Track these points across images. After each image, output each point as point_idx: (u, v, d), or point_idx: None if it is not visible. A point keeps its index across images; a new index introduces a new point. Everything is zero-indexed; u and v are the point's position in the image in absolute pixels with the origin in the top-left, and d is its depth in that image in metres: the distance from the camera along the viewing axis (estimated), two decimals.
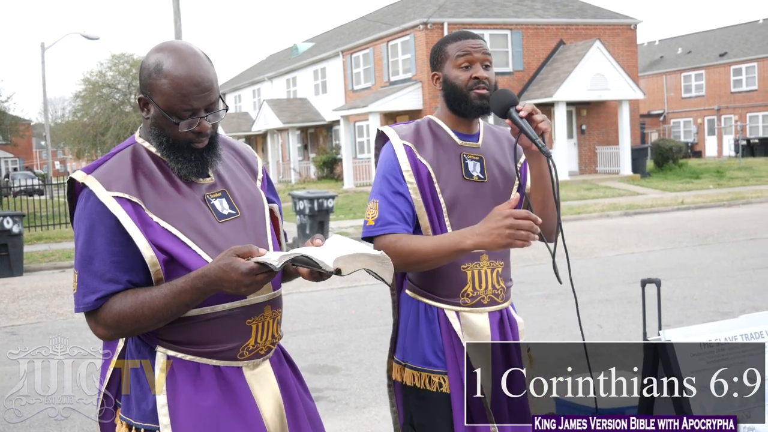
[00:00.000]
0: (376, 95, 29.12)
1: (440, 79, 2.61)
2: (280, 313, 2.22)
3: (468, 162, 2.58)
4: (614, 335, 7.07)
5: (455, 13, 28.26)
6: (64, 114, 61.60)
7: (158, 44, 2.06)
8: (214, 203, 2.09)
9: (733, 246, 12.46)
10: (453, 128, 2.63)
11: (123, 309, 1.95)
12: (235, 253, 1.87)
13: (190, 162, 2.05)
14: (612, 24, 30.13)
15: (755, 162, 33.50)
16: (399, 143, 2.57)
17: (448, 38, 2.61)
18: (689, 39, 52.89)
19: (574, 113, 29.36)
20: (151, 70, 2.00)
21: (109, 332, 1.99)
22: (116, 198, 1.96)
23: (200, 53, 2.04)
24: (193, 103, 1.98)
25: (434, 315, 2.57)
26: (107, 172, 2.01)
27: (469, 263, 2.54)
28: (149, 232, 1.96)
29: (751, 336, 2.37)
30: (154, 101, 2.01)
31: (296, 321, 8.47)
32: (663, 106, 50.17)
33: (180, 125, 1.99)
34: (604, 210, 18.82)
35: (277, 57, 47.19)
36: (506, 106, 2.42)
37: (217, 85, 2.04)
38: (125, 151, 2.08)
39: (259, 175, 2.28)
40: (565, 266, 2.38)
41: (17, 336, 8.36)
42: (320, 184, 32.33)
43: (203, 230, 2.03)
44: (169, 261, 1.98)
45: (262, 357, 2.15)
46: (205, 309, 2.02)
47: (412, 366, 2.60)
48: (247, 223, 2.13)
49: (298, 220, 15.19)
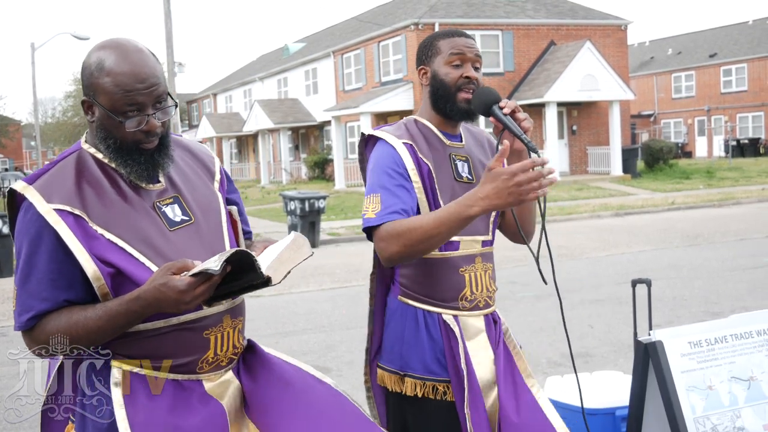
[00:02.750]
0: (368, 96, 29.11)
1: (428, 74, 2.54)
2: (241, 322, 2.11)
3: (457, 163, 2.54)
4: (605, 335, 7.08)
5: (446, 14, 28.28)
6: (54, 114, 61.34)
7: (99, 42, 1.96)
8: (165, 210, 1.99)
9: (723, 246, 12.50)
10: (439, 128, 2.57)
11: (57, 329, 1.88)
12: (169, 270, 1.78)
13: (140, 165, 1.95)
14: (603, 25, 30.21)
15: (745, 162, 33.64)
16: (399, 142, 2.46)
17: (439, 34, 2.54)
18: (679, 40, 53.08)
19: (565, 114, 29.42)
20: (93, 69, 1.91)
21: (45, 352, 1.91)
22: (57, 210, 1.86)
23: (144, 49, 1.94)
24: (138, 98, 1.88)
25: (434, 321, 2.49)
26: (48, 183, 1.91)
27: (466, 266, 2.50)
28: (93, 245, 1.87)
29: (741, 336, 2.38)
30: (98, 102, 1.91)
31: (287, 322, 8.45)
32: (653, 107, 50.32)
33: (126, 124, 1.89)
34: (595, 210, 18.86)
35: (268, 57, 47.12)
36: (489, 104, 2.38)
37: (164, 81, 1.95)
38: (69, 158, 1.98)
39: (217, 176, 2.18)
40: (549, 266, 2.40)
41: (7, 337, 8.32)
42: (311, 184, 32.31)
43: (152, 240, 1.93)
44: (116, 274, 1.88)
45: (224, 368, 2.05)
46: (157, 323, 1.93)
47: (414, 375, 2.50)
48: (201, 228, 2.03)
49: (289, 221, 15.17)
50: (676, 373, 2.25)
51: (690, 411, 2.23)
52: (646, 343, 2.28)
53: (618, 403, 3.64)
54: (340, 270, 11.91)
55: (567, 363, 6.18)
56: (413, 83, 27.99)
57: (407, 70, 28.59)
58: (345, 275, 11.40)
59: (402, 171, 2.42)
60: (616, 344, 6.77)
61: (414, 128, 2.55)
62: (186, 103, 54.65)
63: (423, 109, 2.61)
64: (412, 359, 2.51)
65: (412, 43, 27.95)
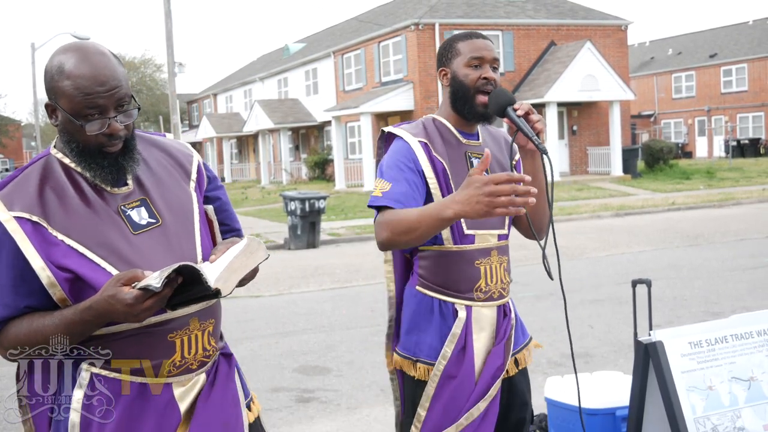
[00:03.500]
0: (368, 96, 29.11)
1: (447, 75, 2.65)
2: (212, 324, 2.07)
3: (473, 161, 2.64)
4: (605, 336, 7.08)
5: (447, 14, 28.28)
6: None
7: (61, 46, 1.95)
8: (130, 214, 1.97)
9: (723, 246, 12.50)
10: (456, 127, 2.69)
11: (18, 335, 1.89)
12: (119, 282, 1.76)
13: (104, 168, 1.94)
14: (603, 25, 30.20)
15: (745, 163, 33.64)
16: (414, 140, 2.60)
17: (459, 36, 2.66)
18: (679, 40, 53.07)
19: (565, 114, 29.42)
20: (54, 73, 1.89)
21: (12, 356, 1.93)
22: (17, 218, 1.86)
23: (106, 51, 1.92)
24: (99, 101, 1.86)
25: (449, 310, 2.62)
26: (12, 191, 1.91)
27: (482, 259, 2.62)
28: (51, 252, 1.86)
29: (741, 336, 2.37)
30: (59, 105, 1.89)
31: (287, 322, 8.46)
32: (653, 107, 50.31)
33: (87, 128, 1.87)
34: (595, 210, 18.86)
35: (269, 57, 47.13)
36: (503, 106, 2.47)
37: (126, 83, 1.92)
38: (36, 164, 1.98)
39: (193, 175, 2.14)
40: (555, 265, 2.43)
41: None
42: (312, 184, 32.31)
43: (114, 245, 1.91)
44: (75, 280, 1.87)
45: (194, 372, 2.02)
46: (120, 326, 1.91)
47: (425, 361, 2.64)
48: (170, 230, 2.01)
49: (290, 221, 15.17)
50: (677, 374, 2.25)
51: (690, 411, 2.23)
52: (646, 344, 2.28)
53: (618, 404, 3.64)
54: (340, 270, 11.91)
55: (567, 363, 6.17)
56: (413, 83, 27.99)
57: (407, 70, 28.58)
58: (345, 275, 11.40)
59: (414, 167, 2.55)
60: (616, 344, 6.77)
61: (431, 126, 2.68)
62: (186, 103, 54.65)
63: (442, 108, 2.73)
64: (424, 345, 2.64)
65: (412, 44, 27.95)
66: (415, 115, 27.57)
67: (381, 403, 5.56)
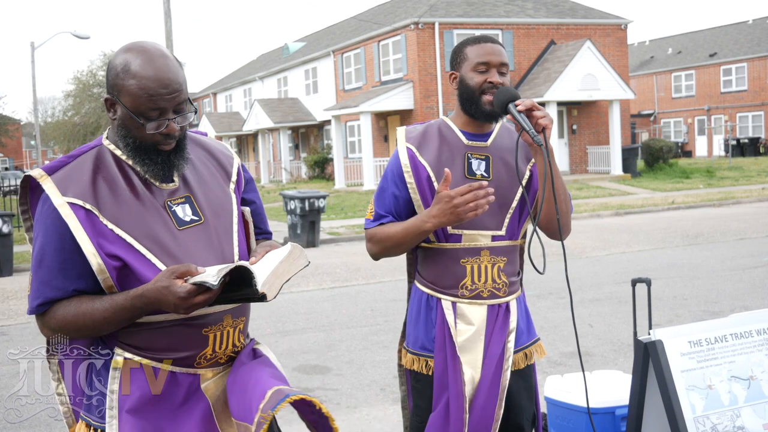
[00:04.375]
0: (367, 95, 29.10)
1: (457, 78, 2.72)
2: (242, 322, 2.15)
3: (472, 161, 2.71)
4: (605, 335, 7.09)
5: (446, 13, 28.27)
6: (54, 113, 61.37)
7: (126, 44, 2.03)
8: (176, 209, 2.05)
9: (723, 246, 12.50)
10: (462, 128, 2.76)
11: (65, 316, 1.96)
12: (173, 274, 1.84)
13: (156, 164, 2.03)
14: (603, 24, 30.20)
15: (745, 162, 33.65)
16: (403, 145, 2.74)
17: (469, 41, 2.73)
18: (679, 39, 53.06)
19: (565, 113, 29.42)
20: (119, 71, 1.97)
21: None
22: (70, 204, 1.94)
23: (169, 54, 2.02)
24: (161, 104, 1.95)
25: (434, 304, 2.73)
26: (65, 176, 1.99)
27: (468, 258, 2.69)
28: (101, 240, 1.94)
29: (741, 335, 2.38)
30: (121, 102, 1.98)
31: (287, 321, 8.46)
32: (653, 106, 50.32)
33: (147, 126, 1.97)
34: (595, 210, 18.87)
35: (268, 57, 47.11)
36: (505, 102, 2.55)
37: (185, 87, 2.02)
38: (89, 153, 2.06)
39: (233, 177, 2.23)
40: (563, 264, 2.49)
41: (7, 336, 8.32)
42: (311, 183, 32.30)
43: (159, 238, 1.99)
44: (122, 268, 1.95)
45: (222, 366, 2.11)
46: (158, 317, 1.99)
47: (412, 351, 2.78)
48: (210, 229, 2.08)
49: (290, 220, 15.17)
50: (676, 373, 2.25)
51: (690, 410, 2.23)
52: (646, 343, 2.28)
53: (618, 402, 3.64)
54: (340, 269, 11.91)
55: (567, 362, 6.18)
56: (413, 83, 27.98)
57: (407, 69, 28.58)
58: (345, 274, 11.40)
59: (398, 175, 2.72)
60: (616, 343, 6.77)
61: (433, 129, 2.78)
62: None
63: (455, 110, 2.81)
64: (413, 336, 2.79)
65: (412, 43, 27.94)
66: (415, 114, 27.58)
67: (381, 403, 5.57)
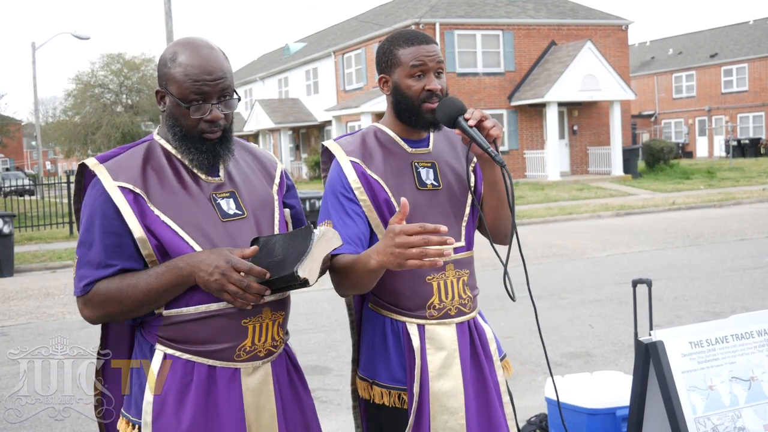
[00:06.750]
0: (368, 95, 29.11)
1: (389, 83, 2.43)
2: (282, 316, 2.21)
3: (420, 170, 2.44)
4: (605, 335, 7.08)
5: (447, 14, 28.28)
6: (55, 113, 61.31)
7: (177, 39, 2.14)
8: (220, 203, 2.12)
9: (723, 246, 12.50)
10: (401, 135, 2.47)
11: (109, 290, 2.01)
12: (233, 252, 1.96)
13: (202, 153, 2.09)
14: (603, 25, 30.20)
15: (745, 162, 33.64)
16: (345, 160, 2.39)
17: (398, 40, 2.41)
18: (680, 40, 53.07)
19: (566, 114, 29.41)
20: (167, 60, 2.07)
21: (95, 313, 2.04)
22: (120, 188, 2.02)
23: (216, 47, 2.10)
24: (204, 89, 2.02)
25: (398, 330, 2.42)
26: (117, 164, 2.07)
27: (434, 274, 2.40)
28: (149, 224, 2.01)
29: (742, 336, 2.37)
30: (168, 90, 2.07)
31: (288, 321, 8.45)
32: (654, 107, 50.31)
33: (191, 110, 2.04)
34: (596, 210, 18.86)
35: (269, 57, 47.12)
36: (453, 116, 2.29)
37: (230, 76, 2.09)
38: (140, 146, 2.14)
39: (276, 179, 2.30)
40: (524, 279, 2.35)
41: (8, 337, 8.32)
42: (312, 184, 32.30)
43: (204, 228, 2.06)
44: (166, 253, 2.01)
45: (261, 359, 2.12)
46: (199, 307, 2.03)
47: (382, 384, 2.44)
48: (252, 224, 2.14)
49: None
50: (677, 373, 2.25)
51: (691, 411, 2.23)
52: (646, 343, 2.28)
53: (619, 403, 3.64)
54: None
55: (567, 363, 6.17)
56: None
57: None
58: None
59: (348, 193, 2.36)
60: (616, 344, 6.77)
61: (372, 139, 2.47)
62: None
63: (386, 117, 2.52)
64: (380, 367, 2.45)
65: None
66: None
67: None
